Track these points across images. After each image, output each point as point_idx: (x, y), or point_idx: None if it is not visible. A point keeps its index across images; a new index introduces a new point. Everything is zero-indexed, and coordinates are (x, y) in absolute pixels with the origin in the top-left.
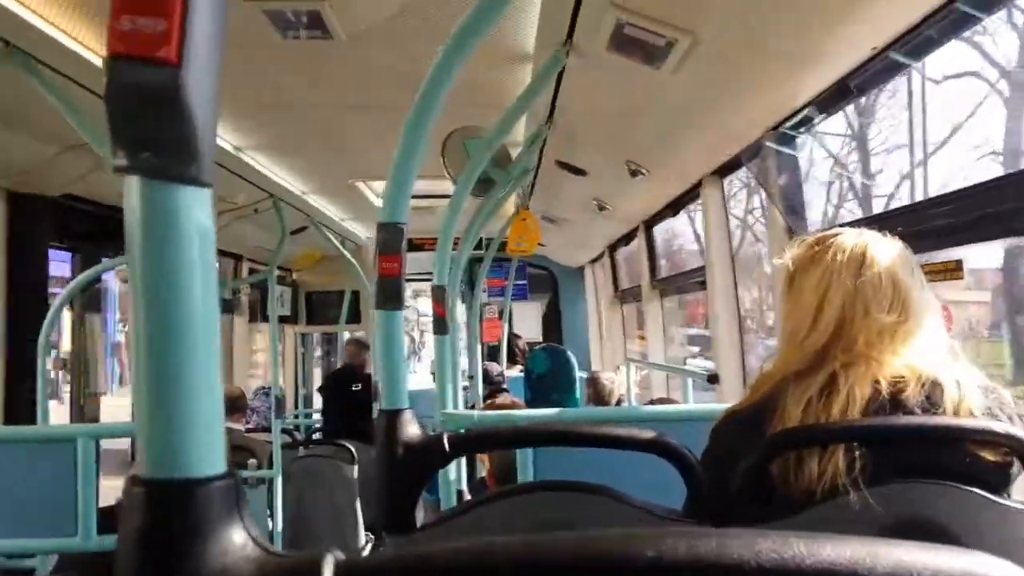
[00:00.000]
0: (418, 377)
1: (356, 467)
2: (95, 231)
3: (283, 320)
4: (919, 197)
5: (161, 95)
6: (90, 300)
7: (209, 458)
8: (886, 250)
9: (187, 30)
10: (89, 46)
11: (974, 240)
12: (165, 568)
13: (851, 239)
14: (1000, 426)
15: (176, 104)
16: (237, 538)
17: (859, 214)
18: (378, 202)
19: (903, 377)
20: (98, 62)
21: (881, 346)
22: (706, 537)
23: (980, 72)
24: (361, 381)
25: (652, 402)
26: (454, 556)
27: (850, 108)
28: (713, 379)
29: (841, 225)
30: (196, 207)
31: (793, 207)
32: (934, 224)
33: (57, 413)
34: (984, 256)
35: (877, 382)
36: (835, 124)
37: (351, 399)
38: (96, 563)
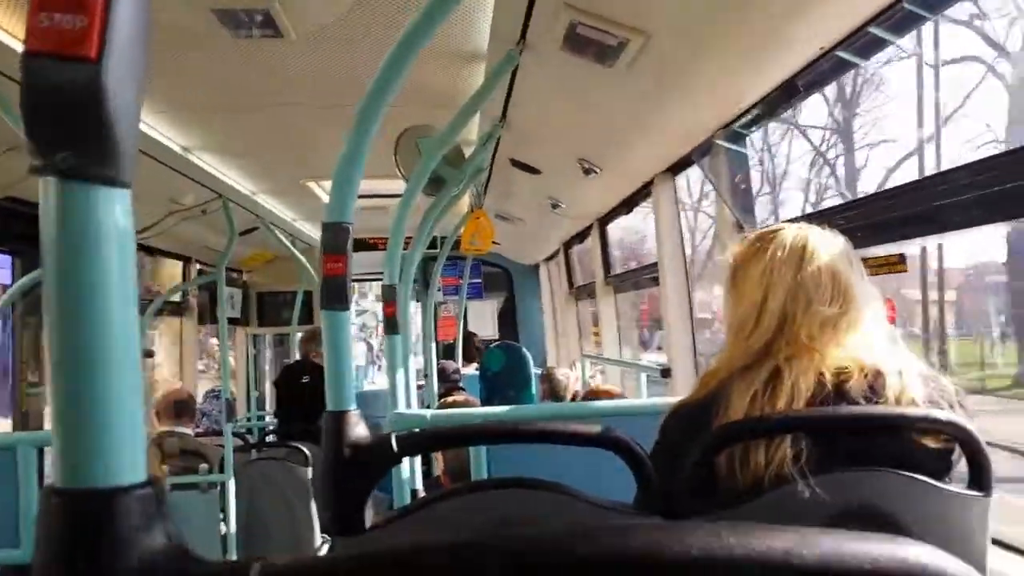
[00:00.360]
0: (377, 388)
1: (310, 469)
2: (37, 234)
3: (233, 322)
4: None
5: (80, 93)
6: (33, 304)
7: (128, 467)
8: (826, 244)
9: (108, 27)
10: None
11: (917, 235)
12: None
13: (791, 234)
14: (941, 414)
15: (95, 103)
16: (159, 547)
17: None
18: None
19: (847, 368)
20: None
21: (823, 338)
22: (637, 531)
23: (980, 56)
24: (310, 373)
25: (588, 394)
26: (381, 560)
27: (833, 98)
28: (666, 373)
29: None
30: (115, 208)
31: (743, 204)
32: (878, 219)
33: None
34: (951, 256)
35: (821, 374)
36: (817, 116)
37: (302, 391)
38: None
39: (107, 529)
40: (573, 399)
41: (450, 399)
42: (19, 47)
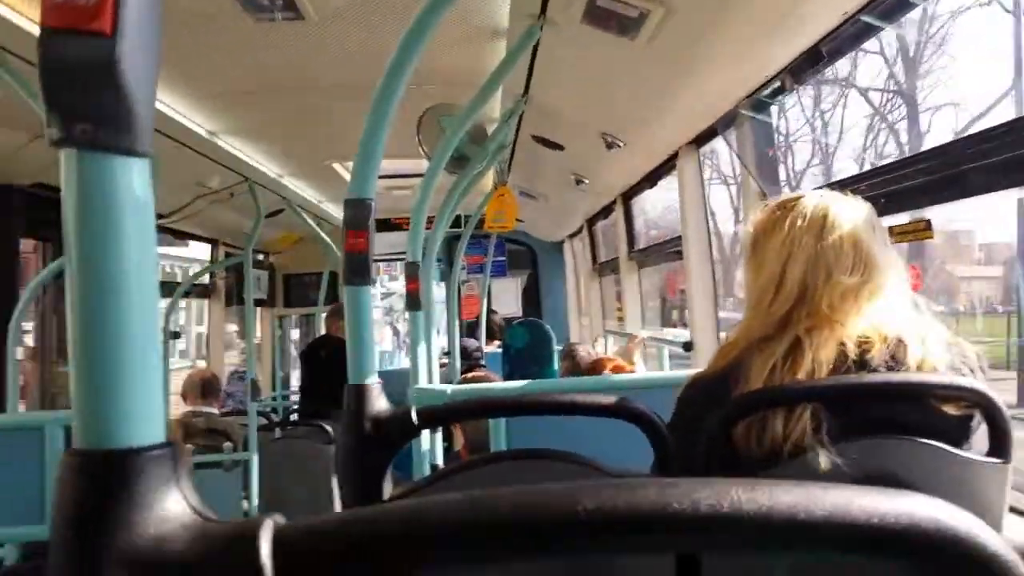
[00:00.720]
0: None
1: (332, 447)
2: None
3: (260, 303)
4: None
5: (95, 67)
6: (62, 289)
7: (146, 428)
8: (847, 212)
9: (121, 1)
10: None
11: (941, 201)
12: (100, 538)
13: (812, 202)
14: (963, 380)
15: (111, 75)
16: (174, 507)
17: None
18: None
19: (868, 338)
20: None
21: (845, 308)
22: (644, 487)
23: None
24: (326, 348)
25: (592, 365)
26: (391, 515)
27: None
28: (688, 347)
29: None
30: (133, 178)
31: (767, 174)
32: (902, 185)
33: None
34: (996, 230)
35: (843, 344)
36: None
37: (321, 366)
38: None
39: (122, 488)
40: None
41: (471, 375)
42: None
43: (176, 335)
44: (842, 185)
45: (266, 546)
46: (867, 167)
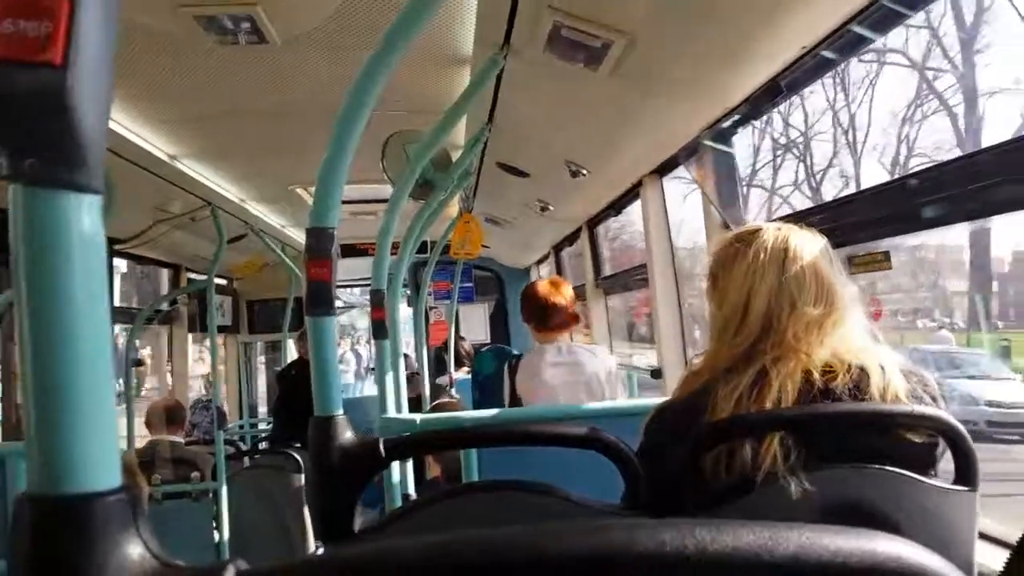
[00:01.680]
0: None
1: (303, 476)
2: None
3: (224, 330)
4: None
5: (45, 99)
6: None
7: (102, 473)
8: (807, 244)
9: (73, 32)
10: None
11: (891, 234)
12: None
13: (771, 234)
14: (927, 409)
15: (61, 108)
16: (134, 553)
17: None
18: None
19: (832, 367)
20: None
21: (809, 339)
22: (611, 530)
23: None
24: (296, 369)
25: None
26: (355, 561)
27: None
28: (656, 374)
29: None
30: (83, 214)
31: (730, 203)
32: (854, 219)
33: None
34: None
35: (808, 373)
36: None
37: (293, 389)
38: None
39: (82, 535)
40: None
41: (439, 402)
42: None
43: (139, 363)
44: (797, 218)
45: None
46: (899, 162)
